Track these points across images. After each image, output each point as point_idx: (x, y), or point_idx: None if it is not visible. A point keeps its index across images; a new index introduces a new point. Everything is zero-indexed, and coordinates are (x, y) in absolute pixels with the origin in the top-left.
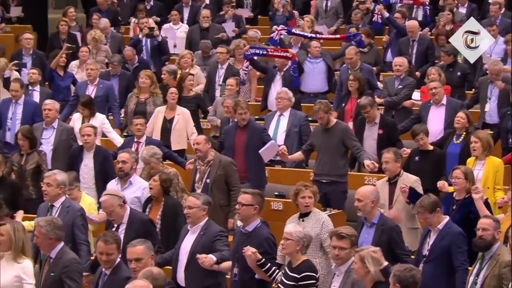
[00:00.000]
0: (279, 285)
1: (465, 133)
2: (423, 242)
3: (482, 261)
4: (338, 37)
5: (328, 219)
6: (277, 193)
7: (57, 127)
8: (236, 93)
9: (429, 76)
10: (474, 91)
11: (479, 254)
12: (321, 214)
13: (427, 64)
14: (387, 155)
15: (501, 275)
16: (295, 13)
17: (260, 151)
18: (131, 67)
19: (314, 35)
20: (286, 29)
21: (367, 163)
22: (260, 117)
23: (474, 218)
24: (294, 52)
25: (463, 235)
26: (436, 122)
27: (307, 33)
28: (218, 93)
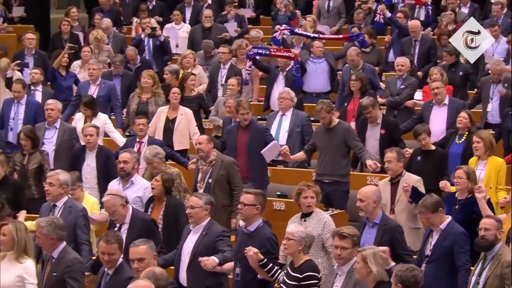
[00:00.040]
0: (281, 285)
1: (467, 133)
2: (425, 242)
3: (484, 261)
4: (341, 37)
5: (330, 219)
6: (279, 193)
7: (60, 127)
8: (238, 93)
9: (431, 76)
10: (476, 91)
11: (481, 254)
12: (323, 214)
13: (429, 64)
14: (390, 155)
15: (503, 275)
16: (297, 13)
17: (262, 151)
18: (133, 67)
19: (316, 35)
20: (289, 28)
21: (369, 163)
22: (262, 117)
23: (476, 218)
24: (296, 52)
25: (466, 235)
26: (438, 122)
27: (309, 33)
28: (220, 93)
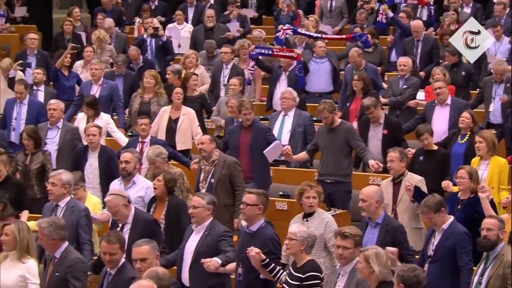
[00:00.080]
0: (284, 285)
1: (469, 133)
2: (427, 242)
3: (486, 261)
4: (344, 37)
5: (332, 219)
6: (281, 193)
7: (62, 127)
8: (239, 93)
9: (434, 76)
10: (478, 91)
11: (484, 254)
12: (325, 214)
13: (431, 64)
14: (393, 154)
15: (506, 275)
16: (300, 13)
17: (264, 151)
18: (135, 67)
19: (319, 35)
20: (292, 28)
21: (372, 163)
22: (264, 117)
23: (479, 218)
24: (299, 52)
25: (468, 235)
26: (440, 122)
27: (312, 33)
28: (223, 93)
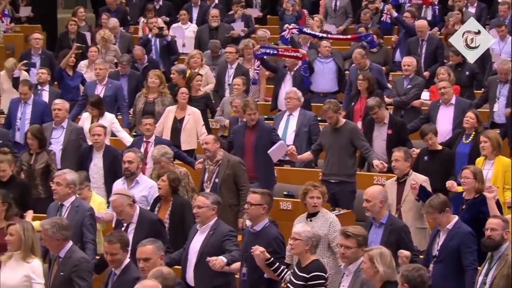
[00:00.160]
0: (288, 284)
1: (474, 132)
2: (432, 242)
3: (490, 261)
4: (349, 37)
5: (335, 219)
6: (286, 193)
7: (67, 127)
8: (244, 93)
9: (438, 75)
10: (483, 90)
11: (488, 254)
12: (329, 214)
13: (436, 63)
14: (397, 153)
15: (510, 275)
16: (305, 12)
17: (269, 151)
18: (140, 66)
19: (325, 35)
20: (297, 28)
21: (376, 163)
22: (269, 117)
23: (483, 218)
24: (304, 52)
25: (473, 235)
26: (445, 122)
27: (318, 33)
28: (227, 93)
